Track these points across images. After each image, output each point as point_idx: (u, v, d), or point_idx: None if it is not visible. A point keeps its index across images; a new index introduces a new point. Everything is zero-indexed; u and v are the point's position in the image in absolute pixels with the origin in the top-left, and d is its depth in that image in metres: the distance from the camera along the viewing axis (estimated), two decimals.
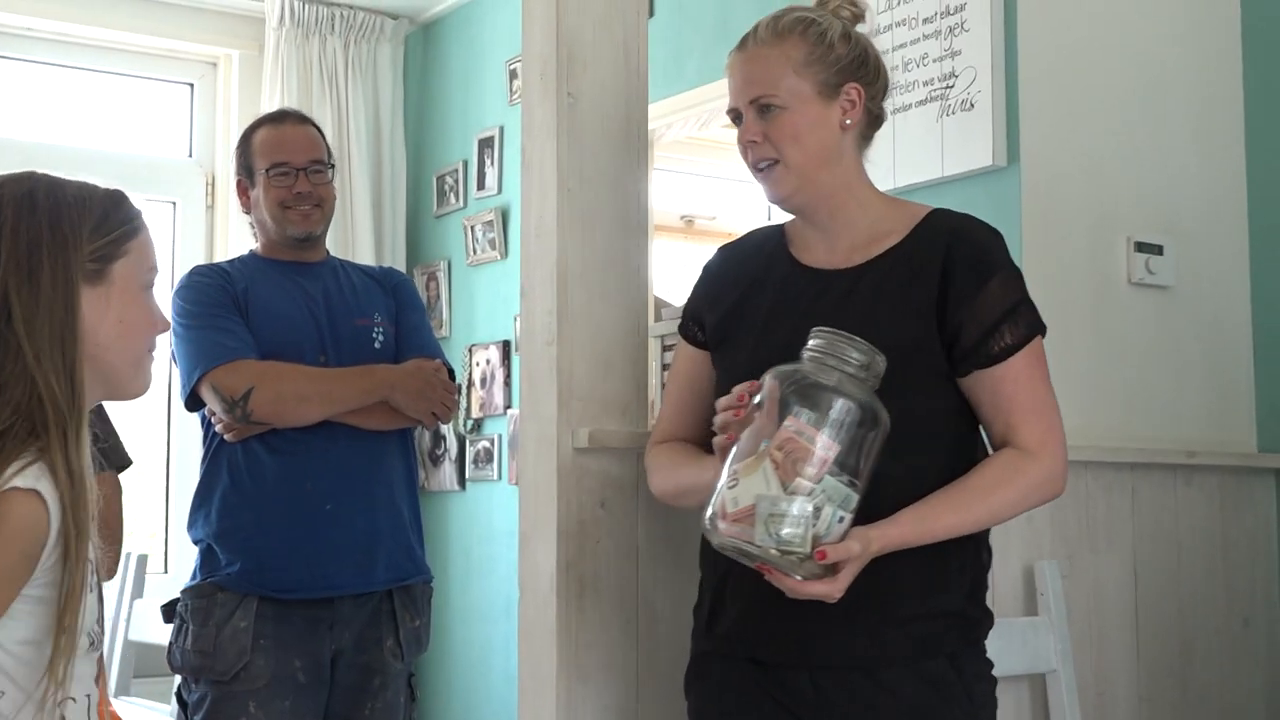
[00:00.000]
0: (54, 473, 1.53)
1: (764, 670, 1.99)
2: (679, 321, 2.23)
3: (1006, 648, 2.78)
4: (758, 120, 2.02)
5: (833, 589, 1.79)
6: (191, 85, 5.57)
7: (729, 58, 2.10)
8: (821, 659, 1.94)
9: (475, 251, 5.26)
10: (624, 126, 2.47)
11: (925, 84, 3.36)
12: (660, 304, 4.30)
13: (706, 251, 2.31)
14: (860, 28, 2.09)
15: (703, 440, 2.09)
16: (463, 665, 5.17)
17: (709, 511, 1.80)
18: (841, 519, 1.77)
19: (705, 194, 6.00)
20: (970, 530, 1.94)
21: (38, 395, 1.54)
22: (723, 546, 1.79)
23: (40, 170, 1.67)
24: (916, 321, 1.95)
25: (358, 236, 5.33)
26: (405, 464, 2.95)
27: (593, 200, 2.43)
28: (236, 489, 2.81)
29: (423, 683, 4.49)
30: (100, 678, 1.68)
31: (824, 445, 1.75)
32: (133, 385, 1.69)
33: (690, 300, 2.20)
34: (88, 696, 1.62)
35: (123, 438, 2.96)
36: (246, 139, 3.02)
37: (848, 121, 2.03)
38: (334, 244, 3.09)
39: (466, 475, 5.25)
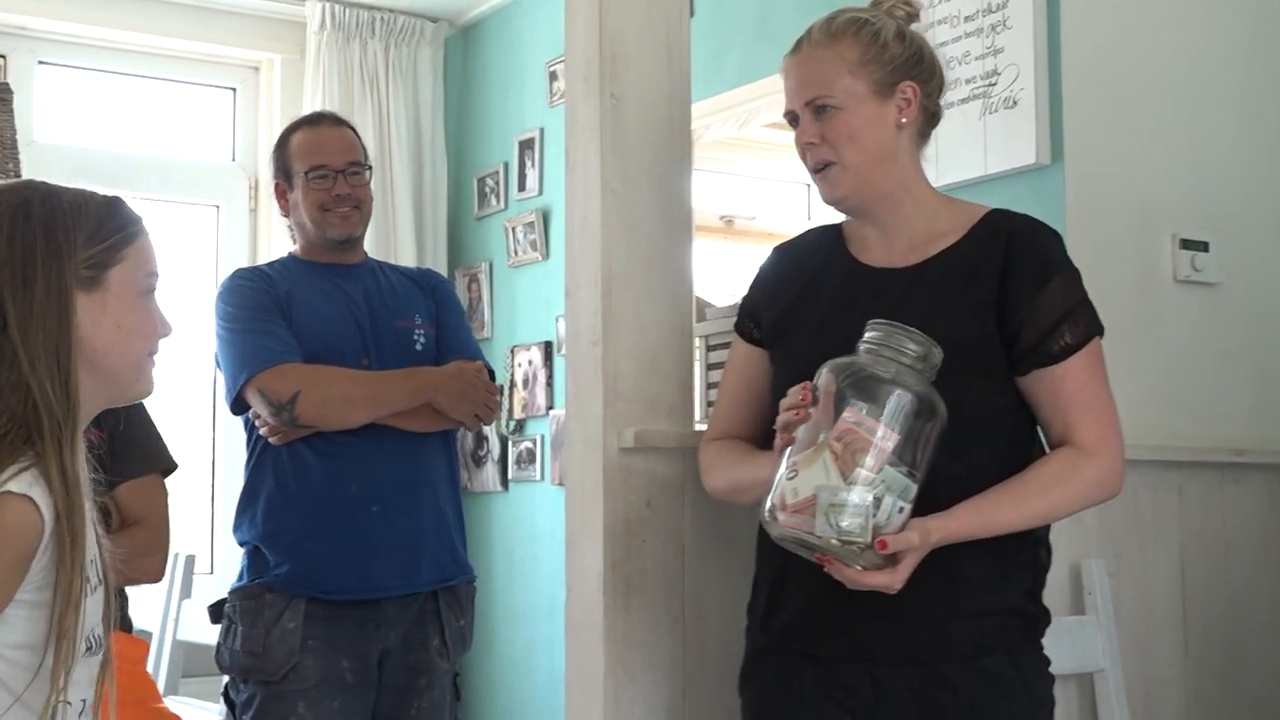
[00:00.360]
0: (48, 479, 1.55)
1: (821, 666, 2.00)
2: (734, 319, 2.23)
3: (1054, 647, 2.74)
4: (814, 122, 2.02)
5: (893, 579, 1.80)
6: (234, 90, 5.61)
7: (784, 61, 2.10)
8: (881, 654, 1.95)
9: (516, 253, 5.28)
10: (667, 127, 2.48)
11: (967, 82, 3.34)
12: (702, 304, 4.29)
13: (747, 252, 2.32)
14: (914, 26, 2.09)
15: (758, 437, 2.11)
16: (506, 666, 5.18)
17: (768, 503, 1.82)
18: (901, 509, 1.78)
19: (745, 194, 6.00)
20: (1027, 526, 1.95)
21: (33, 402, 1.55)
22: (782, 538, 1.81)
23: (38, 179, 1.69)
24: (975, 319, 1.96)
25: (399, 239, 5.35)
26: (448, 465, 2.97)
27: (637, 201, 2.43)
28: (282, 491, 2.83)
29: (466, 683, 4.51)
30: (102, 680, 1.68)
31: (883, 435, 1.76)
32: (134, 389, 1.71)
33: (746, 298, 2.22)
34: (83, 700, 1.63)
35: (167, 441, 2.98)
36: (283, 142, 3.03)
37: (904, 120, 2.03)
38: (375, 247, 3.11)
39: (509, 476, 5.27)
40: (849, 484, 1.75)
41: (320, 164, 2.93)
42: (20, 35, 5.15)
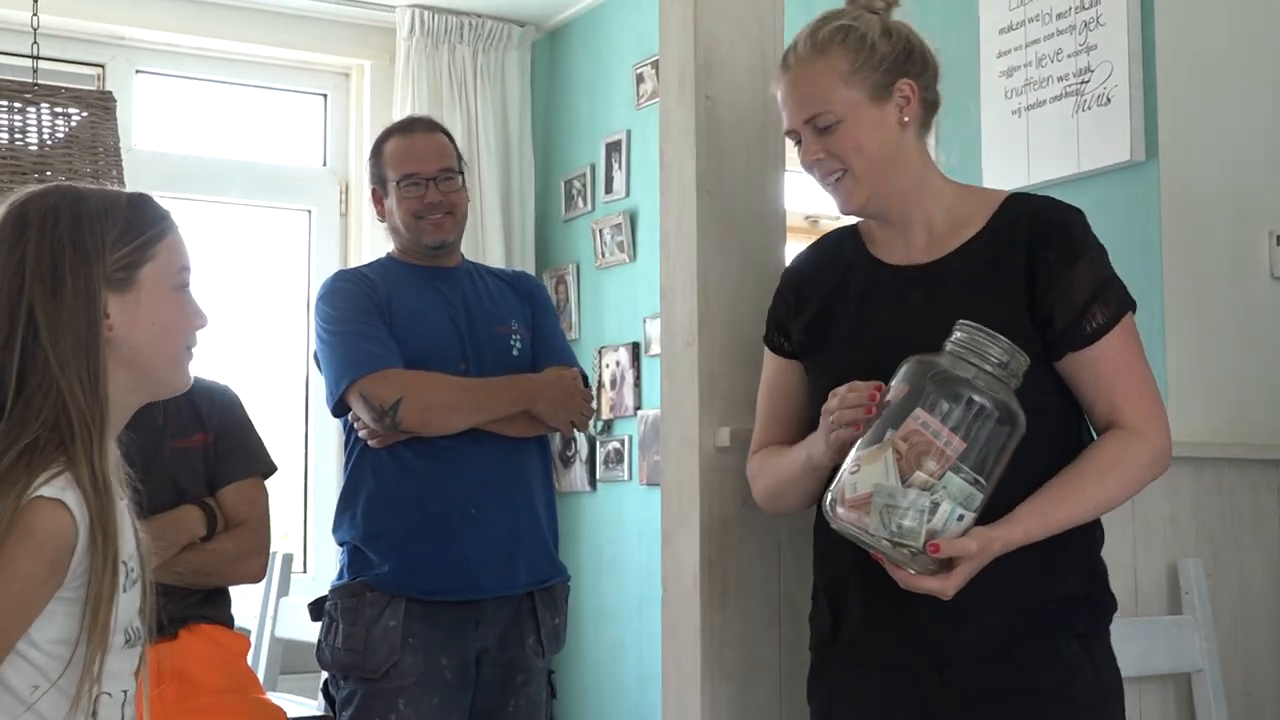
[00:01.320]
0: (79, 483, 1.58)
1: (888, 671, 1.99)
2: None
3: (1151, 647, 2.76)
4: (816, 139, 2.01)
5: (945, 586, 1.79)
6: (325, 96, 5.69)
7: (775, 80, 2.09)
8: (947, 654, 1.93)
9: (604, 255, 5.31)
10: (761, 128, 2.49)
11: (1060, 79, 3.33)
12: None
13: None
14: (896, 13, 2.06)
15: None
16: (595, 665, 5.21)
17: (829, 496, 1.81)
18: (961, 517, 1.76)
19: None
20: (1089, 518, 1.94)
21: (64, 406, 1.59)
22: (842, 530, 1.80)
23: (67, 184, 1.72)
24: (1007, 306, 1.93)
25: (488, 242, 5.40)
26: (543, 468, 3.00)
27: (731, 202, 2.45)
28: (382, 492, 2.87)
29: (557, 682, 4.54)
30: (140, 672, 1.72)
31: (949, 440, 1.74)
32: (171, 383, 1.73)
33: (772, 310, 2.20)
34: (124, 691, 1.67)
35: (266, 444, 3.04)
36: (378, 149, 3.07)
37: (905, 119, 2.01)
38: (464, 250, 3.14)
39: (597, 476, 5.30)
40: (907, 486, 1.74)
41: (412, 172, 2.97)
42: (118, 45, 5.26)
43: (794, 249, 2.55)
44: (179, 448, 2.87)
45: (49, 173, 3.30)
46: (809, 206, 6.01)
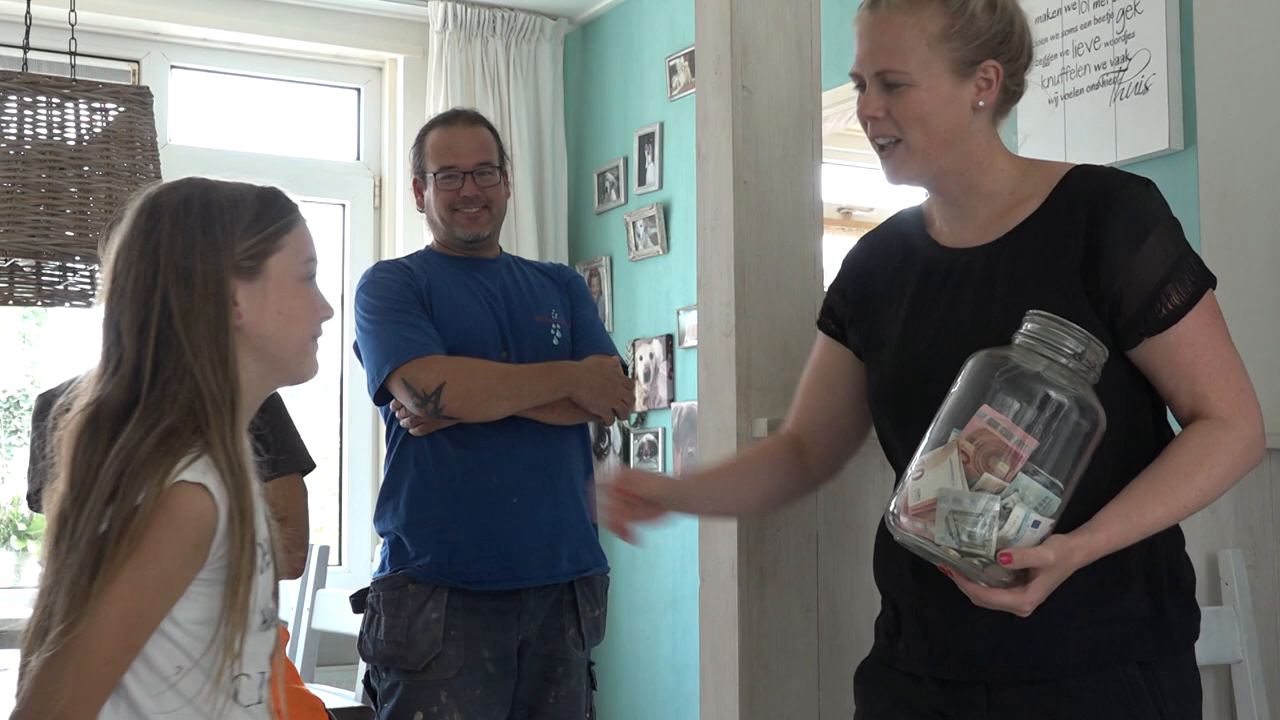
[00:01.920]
0: (217, 465, 1.61)
1: (937, 687, 1.86)
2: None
3: None
4: (881, 94, 1.85)
5: (1022, 600, 1.64)
6: (359, 90, 5.71)
7: (858, 14, 1.90)
8: (997, 674, 1.80)
9: (637, 247, 5.31)
10: (797, 118, 2.49)
11: (1097, 68, 3.32)
12: None
13: None
14: None
15: (817, 431, 2.07)
16: (630, 656, 5.22)
17: (892, 504, 1.69)
18: (1036, 524, 1.61)
19: (862, 185, 5.98)
20: (1179, 519, 1.77)
21: (198, 391, 1.62)
22: (905, 543, 1.67)
23: (199, 175, 1.75)
24: (1060, 290, 1.78)
25: (521, 235, 5.41)
26: (584, 457, 3.01)
27: (768, 192, 2.45)
28: (424, 482, 2.88)
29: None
30: (276, 655, 1.75)
31: (1020, 439, 1.60)
32: (299, 371, 1.77)
33: (830, 292, 2.10)
34: (260, 673, 1.69)
35: (305, 440, 3.05)
36: (420, 140, 3.08)
37: (981, 103, 1.85)
38: (500, 242, 3.14)
39: (631, 468, 5.30)
40: (975, 490, 1.60)
41: (449, 165, 2.98)
42: (153, 41, 5.29)
43: (829, 241, 2.54)
44: None
45: (86, 168, 3.32)
46: (842, 198, 6.00)
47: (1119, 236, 1.78)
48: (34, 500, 2.78)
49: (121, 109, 3.41)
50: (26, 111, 3.22)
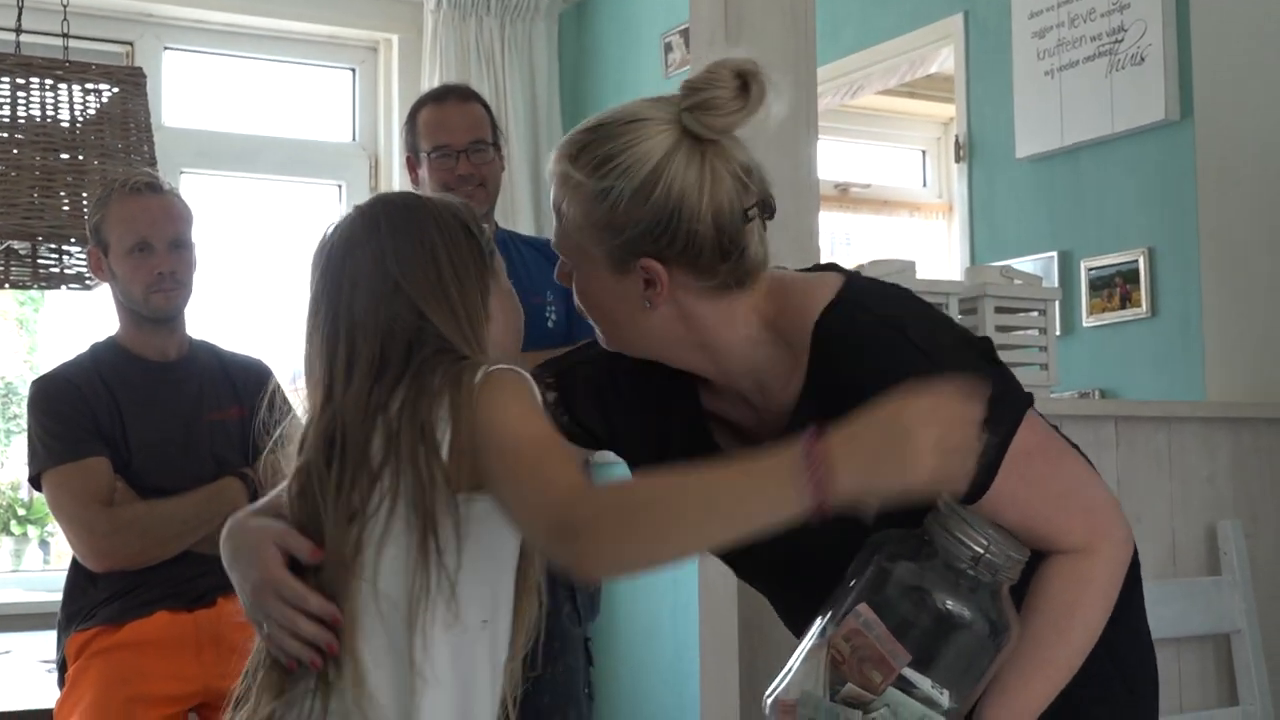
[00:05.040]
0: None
1: None
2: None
3: (1189, 608, 2.75)
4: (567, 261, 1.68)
5: None
6: (354, 70, 5.70)
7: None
8: None
9: None
10: (792, 92, 2.47)
11: (1093, 39, 3.31)
12: None
13: (863, 221, 2.28)
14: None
15: None
16: (630, 634, 5.23)
17: (772, 686, 1.48)
18: None
19: (859, 162, 5.98)
20: (1070, 677, 1.53)
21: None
22: None
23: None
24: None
25: (518, 214, 5.40)
26: None
27: (763, 165, 2.43)
28: None
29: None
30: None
31: (894, 649, 1.39)
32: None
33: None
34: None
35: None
36: (412, 117, 3.05)
37: (647, 304, 1.58)
38: (495, 218, 3.13)
39: None
40: (838, 701, 1.40)
41: (443, 144, 2.95)
42: (146, 22, 5.28)
43: (826, 218, 2.53)
44: (215, 420, 2.88)
45: (80, 150, 3.32)
46: (839, 175, 6.00)
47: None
48: (36, 483, 2.78)
49: (115, 90, 3.40)
50: (20, 93, 3.22)
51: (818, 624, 1.46)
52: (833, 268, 1.67)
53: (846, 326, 1.53)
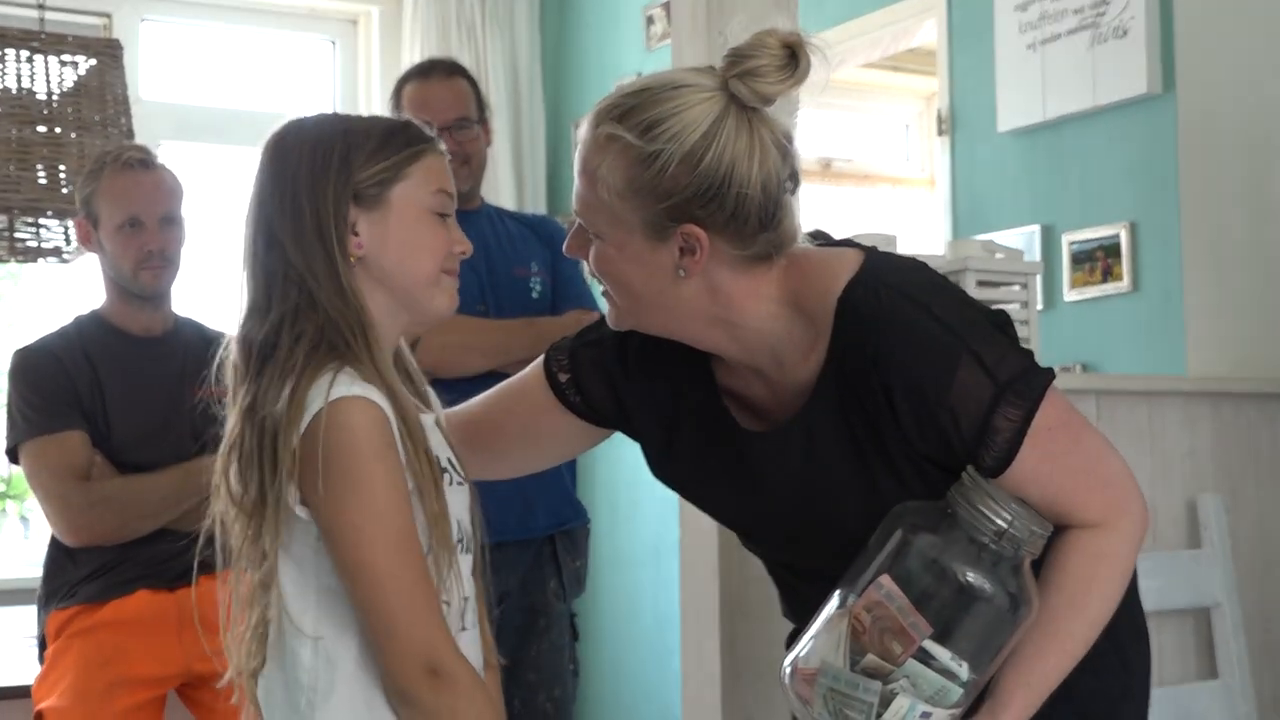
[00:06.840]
0: (364, 377, 1.54)
1: None
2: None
3: (1170, 581, 2.76)
4: (580, 233, 1.64)
5: None
6: (334, 42, 5.66)
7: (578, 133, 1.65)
8: None
9: None
10: None
11: (1075, 12, 3.30)
12: None
13: (845, 195, 2.26)
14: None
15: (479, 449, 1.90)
16: (612, 609, 5.23)
17: (789, 656, 1.52)
18: (925, 715, 1.43)
19: (842, 136, 5.97)
20: (1085, 652, 1.56)
21: (329, 319, 1.56)
22: (790, 703, 1.53)
23: (333, 112, 1.72)
24: (857, 470, 1.56)
25: (500, 187, 5.38)
26: None
27: None
28: None
29: None
30: (479, 574, 1.71)
31: (914, 621, 1.42)
32: (429, 307, 1.66)
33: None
34: (465, 599, 1.66)
35: None
36: (397, 92, 3.04)
37: (683, 272, 1.57)
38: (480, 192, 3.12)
39: None
40: (860, 670, 1.43)
41: (426, 121, 2.94)
42: None
43: (809, 192, 2.52)
44: (198, 397, 2.87)
45: (57, 123, 3.29)
46: (822, 149, 5.99)
47: (916, 401, 1.51)
48: (14, 456, 2.77)
49: (92, 62, 3.38)
50: None
51: (838, 594, 1.48)
52: (850, 243, 1.68)
53: (871, 301, 1.54)
